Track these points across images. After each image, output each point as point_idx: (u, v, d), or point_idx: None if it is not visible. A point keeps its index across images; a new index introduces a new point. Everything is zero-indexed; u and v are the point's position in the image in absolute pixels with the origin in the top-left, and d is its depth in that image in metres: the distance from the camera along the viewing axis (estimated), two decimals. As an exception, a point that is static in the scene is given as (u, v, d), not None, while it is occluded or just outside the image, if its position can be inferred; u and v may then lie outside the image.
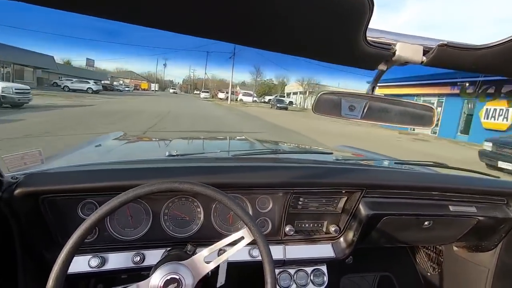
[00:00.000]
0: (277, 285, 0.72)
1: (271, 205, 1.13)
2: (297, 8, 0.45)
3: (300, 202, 1.15)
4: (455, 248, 1.45)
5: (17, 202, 0.84)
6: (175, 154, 1.25)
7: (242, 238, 0.74)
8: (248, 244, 1.06)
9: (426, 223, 1.21)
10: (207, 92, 48.59)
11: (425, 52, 0.64)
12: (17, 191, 0.84)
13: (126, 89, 43.53)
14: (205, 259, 0.74)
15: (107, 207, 0.67)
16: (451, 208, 1.21)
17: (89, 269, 0.93)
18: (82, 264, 0.93)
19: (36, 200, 0.88)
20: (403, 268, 1.72)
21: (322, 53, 0.63)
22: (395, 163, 1.46)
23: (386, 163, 1.47)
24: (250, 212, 1.10)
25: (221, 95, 43.23)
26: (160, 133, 7.74)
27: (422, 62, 0.64)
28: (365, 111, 0.75)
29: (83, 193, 0.94)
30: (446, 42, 0.59)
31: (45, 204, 0.90)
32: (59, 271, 0.61)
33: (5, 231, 0.86)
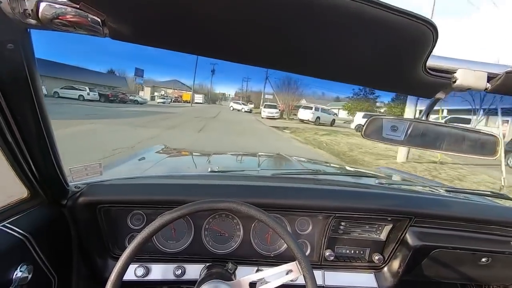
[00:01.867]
0: None
1: (310, 228, 1.11)
2: (360, 42, 0.46)
3: (341, 227, 1.11)
4: None
5: (79, 210, 0.92)
6: (216, 170, 1.29)
7: (291, 271, 0.72)
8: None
9: (483, 259, 1.09)
10: (274, 107, 25.98)
11: (489, 79, 0.60)
12: (80, 200, 0.92)
13: (161, 100, 39.29)
14: (250, 284, 0.74)
15: (161, 221, 0.71)
16: None
17: (134, 278, 0.98)
18: (129, 272, 0.98)
19: (94, 209, 0.95)
20: None
21: (378, 82, 0.63)
22: (446, 190, 1.35)
23: (436, 190, 1.37)
24: None
25: (305, 114, 22.51)
26: (198, 147, 7.33)
27: (486, 89, 0.61)
28: (421, 138, 0.72)
29: (134, 205, 1.01)
30: None
31: (101, 213, 0.97)
32: (116, 279, 0.65)
33: (65, 236, 0.94)
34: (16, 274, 0.69)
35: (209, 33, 0.47)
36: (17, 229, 0.72)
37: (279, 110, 26.45)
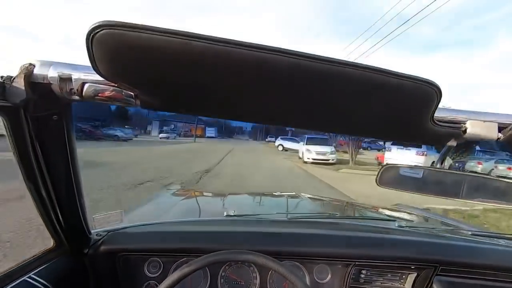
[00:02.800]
0: None
1: (329, 276, 1.06)
2: (371, 103, 0.49)
3: (362, 275, 1.06)
4: None
5: (99, 258, 0.94)
6: (232, 214, 1.29)
7: None
8: None
9: None
10: (325, 143, 14.40)
11: (500, 129, 0.61)
12: (101, 249, 0.94)
13: (164, 136, 34.75)
14: None
15: (179, 274, 0.71)
16: None
17: None
18: None
19: (114, 258, 0.97)
20: None
21: (390, 134, 0.65)
22: (473, 234, 1.28)
23: (462, 233, 1.30)
24: (308, 282, 1.05)
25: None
26: (214, 187, 6.87)
27: (498, 138, 0.61)
28: (438, 185, 0.72)
29: (151, 253, 1.01)
30: None
31: (121, 261, 0.98)
32: None
33: (84, 285, 0.95)
34: None
35: (226, 100, 0.52)
36: (42, 280, 0.74)
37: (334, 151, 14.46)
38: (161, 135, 37.63)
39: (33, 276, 0.74)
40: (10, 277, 0.70)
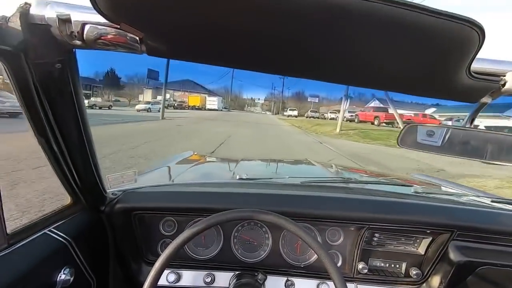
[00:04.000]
0: None
1: (342, 239, 1.07)
2: (400, 48, 0.44)
3: (375, 238, 1.05)
4: None
5: (116, 216, 0.97)
6: (245, 177, 1.29)
7: None
8: (318, 278, 1.02)
9: None
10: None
11: None
12: (117, 207, 0.97)
13: (142, 107, 28.32)
14: None
15: (195, 229, 0.72)
16: None
17: (166, 283, 1.00)
18: (161, 278, 1.00)
19: (129, 215, 0.99)
20: None
21: (419, 88, 0.59)
22: (492, 201, 1.24)
23: (480, 200, 1.27)
24: None
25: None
26: (226, 153, 7.02)
27: None
28: (462, 145, 0.67)
29: (166, 212, 1.04)
30: None
31: (136, 219, 1.01)
32: (150, 285, 0.67)
33: (103, 241, 0.99)
34: (60, 276, 0.74)
35: (238, 46, 0.47)
36: (61, 233, 0.77)
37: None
38: (138, 106, 29.54)
39: (53, 229, 0.77)
40: (32, 229, 0.73)
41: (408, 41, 0.43)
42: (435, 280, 1.04)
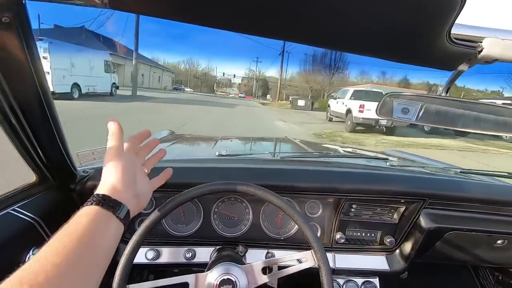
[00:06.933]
0: None
1: (321, 211, 1.09)
2: (377, 7, 0.42)
3: (352, 209, 1.09)
4: None
5: (87, 193, 0.92)
6: (224, 153, 1.27)
7: (306, 259, 0.71)
8: (298, 249, 1.04)
9: (499, 242, 1.07)
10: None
11: None
12: (88, 184, 0.92)
13: None
14: (262, 270, 0.73)
15: (170, 204, 0.70)
16: None
17: (145, 261, 0.98)
18: (140, 255, 0.98)
19: None
20: None
21: (396, 53, 0.58)
22: (460, 172, 1.31)
23: (449, 171, 1.33)
24: None
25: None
26: (205, 132, 7.17)
27: None
28: (439, 115, 0.68)
29: None
30: None
31: None
32: (126, 262, 0.65)
33: None
34: (29, 257, 0.70)
35: (215, 2, 0.43)
36: (26, 212, 0.72)
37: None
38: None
39: (17, 208, 0.72)
40: None
41: (388, 3, 0.41)
42: (407, 246, 1.09)
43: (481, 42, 0.55)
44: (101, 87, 15.89)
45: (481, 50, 0.55)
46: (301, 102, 25.54)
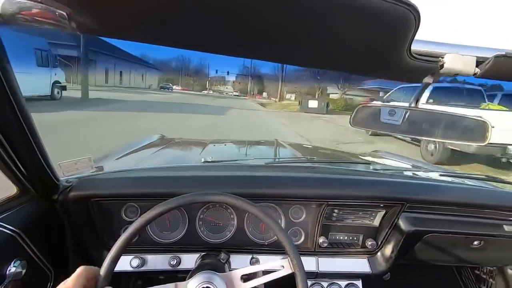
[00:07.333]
0: None
1: (304, 216, 1.12)
2: (336, 25, 0.44)
3: (334, 214, 1.11)
4: (509, 271, 1.30)
5: (70, 204, 0.93)
6: (210, 160, 1.29)
7: (283, 267, 0.73)
8: (282, 253, 1.07)
9: (475, 243, 1.11)
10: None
11: (478, 63, 0.58)
12: (71, 195, 0.92)
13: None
14: (242, 277, 0.75)
15: (151, 214, 0.71)
16: (506, 228, 1.09)
17: (130, 269, 0.99)
18: (124, 263, 0.99)
19: (86, 203, 0.96)
20: None
21: (363, 68, 0.61)
22: (440, 175, 1.35)
23: (430, 174, 1.37)
24: (283, 222, 1.10)
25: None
26: (195, 135, 6.73)
27: (474, 74, 0.59)
28: (406, 125, 0.71)
29: (127, 198, 1.01)
30: (504, 53, 0.54)
31: (94, 206, 0.97)
32: (107, 268, 0.66)
33: (59, 230, 0.95)
34: (10, 269, 0.70)
35: (183, 23, 0.45)
36: (6, 225, 0.72)
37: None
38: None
39: None
40: None
41: (349, 19, 0.43)
42: (388, 248, 1.13)
43: (443, 57, 0.58)
44: (33, 88, 10.01)
45: (443, 65, 0.58)
46: (313, 103, 19.23)
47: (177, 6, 0.40)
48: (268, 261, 1.05)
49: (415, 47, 0.53)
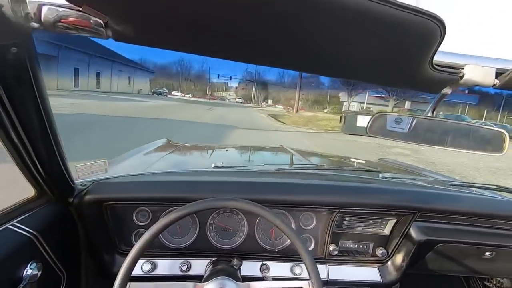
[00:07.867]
0: None
1: (314, 223, 1.11)
2: (366, 39, 0.45)
3: (345, 222, 1.11)
4: None
5: (85, 207, 0.94)
6: (220, 165, 1.29)
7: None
8: (292, 260, 1.06)
9: (487, 253, 1.10)
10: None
11: (497, 75, 0.59)
12: (86, 198, 0.93)
13: None
14: None
15: (168, 219, 0.72)
16: None
17: (141, 273, 0.99)
18: (136, 268, 0.99)
19: (100, 206, 0.96)
20: None
21: (384, 78, 0.62)
22: (451, 184, 1.35)
23: (441, 184, 1.37)
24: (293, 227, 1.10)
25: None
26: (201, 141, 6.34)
27: (494, 85, 0.60)
28: (425, 134, 0.71)
29: (139, 202, 1.02)
30: None
31: (107, 210, 0.98)
32: (124, 275, 0.66)
33: (73, 233, 0.96)
34: (26, 271, 0.71)
35: (211, 32, 0.46)
36: (25, 227, 0.73)
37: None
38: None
39: (16, 224, 0.73)
40: None
41: (374, 31, 0.44)
42: (399, 257, 1.12)
43: (463, 68, 0.59)
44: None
45: (463, 76, 0.59)
46: (362, 121, 12.18)
47: (209, 17, 0.41)
48: (280, 268, 1.04)
49: (437, 58, 0.54)
